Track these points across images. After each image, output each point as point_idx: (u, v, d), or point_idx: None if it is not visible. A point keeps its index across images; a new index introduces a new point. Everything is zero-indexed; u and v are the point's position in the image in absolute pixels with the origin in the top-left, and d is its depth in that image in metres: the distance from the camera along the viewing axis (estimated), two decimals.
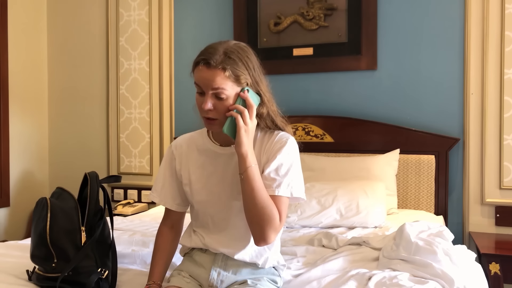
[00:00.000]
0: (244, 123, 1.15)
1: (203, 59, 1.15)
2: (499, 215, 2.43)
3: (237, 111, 1.16)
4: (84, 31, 3.24)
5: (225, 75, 1.14)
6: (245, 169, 1.14)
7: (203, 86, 1.17)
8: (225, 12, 2.91)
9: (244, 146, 1.14)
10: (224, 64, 1.14)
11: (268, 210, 1.14)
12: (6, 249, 1.67)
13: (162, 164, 1.37)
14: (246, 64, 1.18)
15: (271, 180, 1.18)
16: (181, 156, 1.33)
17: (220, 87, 1.14)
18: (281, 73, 2.79)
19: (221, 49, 1.16)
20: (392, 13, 2.61)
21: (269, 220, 1.14)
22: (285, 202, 1.19)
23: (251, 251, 1.26)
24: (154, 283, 1.27)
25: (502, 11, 2.40)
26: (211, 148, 1.29)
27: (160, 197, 1.35)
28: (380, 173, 2.39)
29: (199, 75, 1.17)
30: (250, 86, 1.20)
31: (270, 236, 1.15)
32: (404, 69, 2.60)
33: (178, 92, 3.05)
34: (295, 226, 2.12)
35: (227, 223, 1.27)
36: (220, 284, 1.26)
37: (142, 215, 2.53)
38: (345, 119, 2.64)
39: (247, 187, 1.14)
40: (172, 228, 1.38)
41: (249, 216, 1.16)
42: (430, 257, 1.41)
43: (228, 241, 1.26)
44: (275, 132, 1.27)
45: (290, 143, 1.24)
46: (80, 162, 3.25)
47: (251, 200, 1.14)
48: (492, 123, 2.44)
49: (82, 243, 1.27)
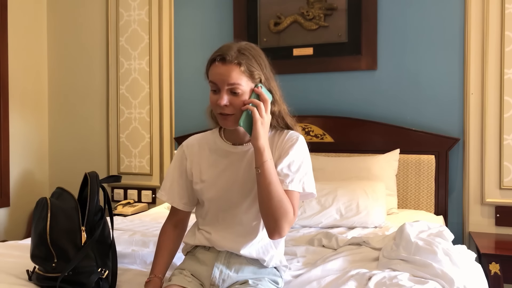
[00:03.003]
0: (260, 115, 1.18)
1: (219, 55, 1.19)
2: (499, 215, 2.43)
3: (253, 105, 1.19)
4: (84, 31, 3.24)
5: (241, 70, 1.19)
6: (262, 163, 1.16)
7: (219, 82, 1.20)
8: (225, 12, 2.91)
9: (261, 138, 1.17)
10: (239, 59, 1.19)
11: (283, 203, 1.16)
12: (6, 249, 1.67)
13: (172, 164, 1.39)
14: (259, 61, 1.24)
15: (284, 176, 1.22)
16: (193, 155, 1.35)
17: (236, 82, 1.18)
18: (281, 73, 2.72)
19: (235, 47, 1.21)
20: (392, 13, 2.61)
21: (285, 214, 1.16)
22: (297, 197, 1.23)
23: (258, 247, 1.28)
24: (156, 276, 1.28)
25: (502, 11, 2.40)
26: (223, 147, 1.32)
27: (168, 196, 1.37)
28: (380, 173, 2.39)
29: (215, 71, 1.20)
30: (263, 83, 1.24)
31: (285, 229, 1.18)
32: (404, 69, 2.60)
33: (178, 92, 3.05)
34: (295, 226, 2.12)
35: (235, 220, 1.29)
36: (222, 283, 1.26)
37: (142, 215, 2.53)
38: (345, 119, 2.64)
39: (264, 180, 1.16)
40: (176, 227, 1.39)
41: (265, 209, 1.18)
42: (430, 257, 1.41)
43: (235, 238, 1.28)
44: (285, 131, 1.32)
45: (301, 141, 1.29)
46: (80, 162, 3.25)
47: (267, 193, 1.16)
48: (492, 123, 2.44)
49: (82, 243, 1.27)
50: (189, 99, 3.01)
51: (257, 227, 1.28)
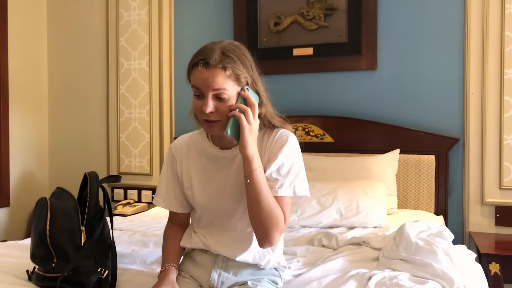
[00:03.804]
0: (248, 122, 1.11)
1: (202, 59, 1.11)
2: (499, 215, 2.43)
3: (240, 110, 1.12)
4: (84, 31, 3.24)
5: (226, 75, 1.11)
6: (251, 172, 1.11)
7: (203, 88, 1.12)
8: (225, 12, 2.91)
9: (250, 147, 1.10)
10: (224, 63, 1.10)
11: (274, 213, 1.12)
12: (6, 249, 1.67)
13: (164, 168, 1.34)
14: (244, 63, 1.15)
15: (273, 181, 1.16)
16: (182, 158, 1.31)
17: (222, 88, 1.11)
18: (281, 73, 2.79)
19: (218, 49, 1.13)
20: (392, 13, 2.61)
21: (275, 223, 1.12)
22: (288, 202, 1.18)
23: (254, 253, 1.25)
24: (170, 264, 1.25)
25: (502, 11, 2.40)
26: (212, 151, 1.27)
27: (165, 202, 1.34)
28: (380, 173, 2.39)
29: (198, 76, 1.12)
30: (249, 85, 1.17)
31: (275, 238, 1.14)
32: (404, 69, 2.60)
33: (178, 92, 3.05)
34: (295, 226, 2.12)
35: (229, 226, 1.26)
36: (221, 285, 1.25)
37: (142, 215, 2.53)
38: (345, 119, 2.64)
39: (254, 190, 1.11)
40: (180, 226, 1.38)
41: (255, 219, 1.14)
42: (430, 257, 1.41)
43: (230, 243, 1.25)
44: (274, 130, 1.25)
45: (291, 141, 1.21)
46: (80, 162, 3.25)
47: (257, 203, 1.11)
48: (492, 123, 2.44)
49: (82, 243, 1.26)
50: (189, 99, 2.97)
51: (251, 233, 1.23)
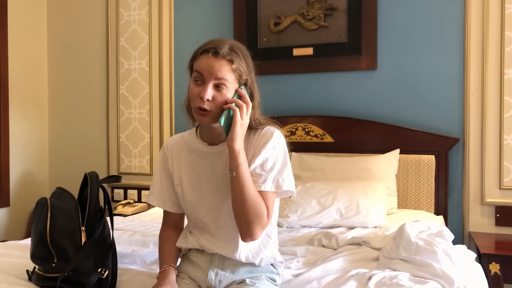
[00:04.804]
0: (241, 117, 1.16)
1: (213, 47, 1.17)
2: (499, 215, 2.43)
3: (236, 105, 1.16)
4: (84, 31, 3.24)
5: (232, 68, 1.17)
6: (237, 166, 1.13)
7: (206, 74, 1.16)
8: (225, 12, 2.91)
9: (238, 141, 1.14)
10: (232, 57, 1.17)
11: (257, 207, 1.14)
12: (6, 249, 1.67)
13: (157, 167, 1.37)
14: (248, 63, 1.22)
15: (257, 176, 1.18)
16: (173, 157, 1.33)
17: (224, 78, 1.16)
18: (281, 73, 2.79)
19: (227, 43, 1.19)
20: (392, 13, 2.61)
21: (258, 217, 1.14)
22: (271, 197, 1.20)
23: (247, 251, 1.25)
24: (169, 265, 1.26)
25: (502, 11, 2.40)
26: (200, 148, 1.29)
27: (158, 200, 1.35)
28: (380, 173, 2.39)
29: (205, 62, 1.17)
30: (248, 86, 1.22)
31: (257, 232, 1.16)
32: (404, 69, 2.60)
33: (178, 92, 3.05)
34: (295, 226, 2.12)
35: (218, 223, 1.26)
36: (219, 284, 1.25)
37: (142, 215, 2.53)
38: (345, 119, 2.64)
39: (238, 183, 1.13)
40: (175, 227, 1.38)
41: (238, 213, 1.16)
42: (430, 257, 1.41)
43: (222, 242, 1.25)
44: (261, 127, 1.27)
45: (276, 137, 1.23)
46: (80, 162, 3.25)
47: (240, 196, 1.13)
48: (492, 123, 2.44)
49: (82, 243, 1.26)
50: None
51: None
